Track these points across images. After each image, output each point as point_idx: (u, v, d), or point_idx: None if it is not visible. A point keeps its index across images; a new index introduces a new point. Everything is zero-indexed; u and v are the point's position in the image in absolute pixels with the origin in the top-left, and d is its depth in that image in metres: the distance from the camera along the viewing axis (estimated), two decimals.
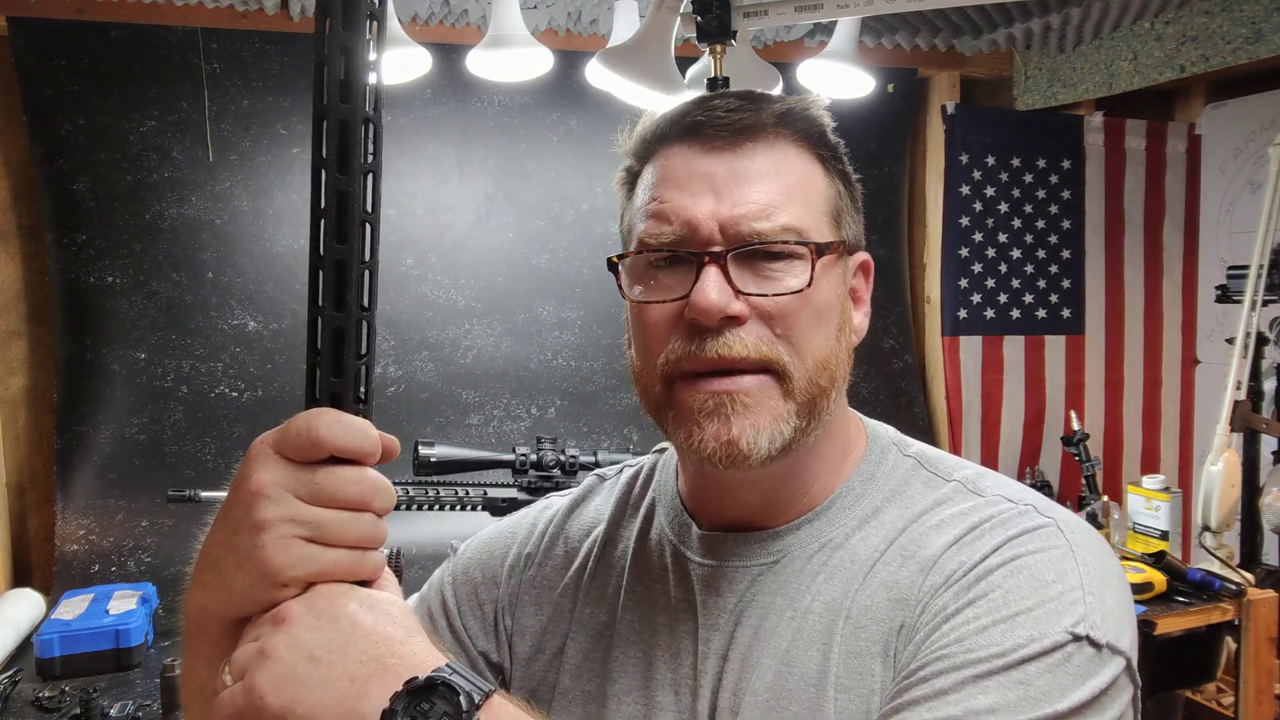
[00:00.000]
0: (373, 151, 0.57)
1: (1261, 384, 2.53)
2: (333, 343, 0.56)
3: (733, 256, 0.70)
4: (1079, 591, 0.65)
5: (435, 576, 0.93)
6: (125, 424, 2.42)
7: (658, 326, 0.72)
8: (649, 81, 1.84)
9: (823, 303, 0.72)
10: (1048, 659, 0.62)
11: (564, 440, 2.01)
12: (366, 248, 0.57)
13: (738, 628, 0.75)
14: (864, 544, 0.74)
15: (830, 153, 0.77)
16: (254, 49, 2.51)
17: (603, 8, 2.57)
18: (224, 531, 0.56)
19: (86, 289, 2.40)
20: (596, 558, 0.85)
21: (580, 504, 0.91)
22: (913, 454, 0.81)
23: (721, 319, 0.69)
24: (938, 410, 3.17)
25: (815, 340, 0.72)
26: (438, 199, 2.69)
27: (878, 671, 0.68)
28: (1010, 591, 0.65)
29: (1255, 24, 2.55)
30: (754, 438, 0.70)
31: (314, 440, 0.54)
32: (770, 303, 0.70)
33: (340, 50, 0.55)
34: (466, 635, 0.87)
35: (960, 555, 0.69)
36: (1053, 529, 0.69)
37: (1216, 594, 2.14)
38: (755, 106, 0.73)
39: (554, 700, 0.80)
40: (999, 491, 0.74)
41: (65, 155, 2.38)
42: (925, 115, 3.22)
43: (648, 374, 0.74)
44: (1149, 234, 3.33)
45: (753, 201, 0.71)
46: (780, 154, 0.73)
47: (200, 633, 0.60)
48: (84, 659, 1.92)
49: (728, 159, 0.72)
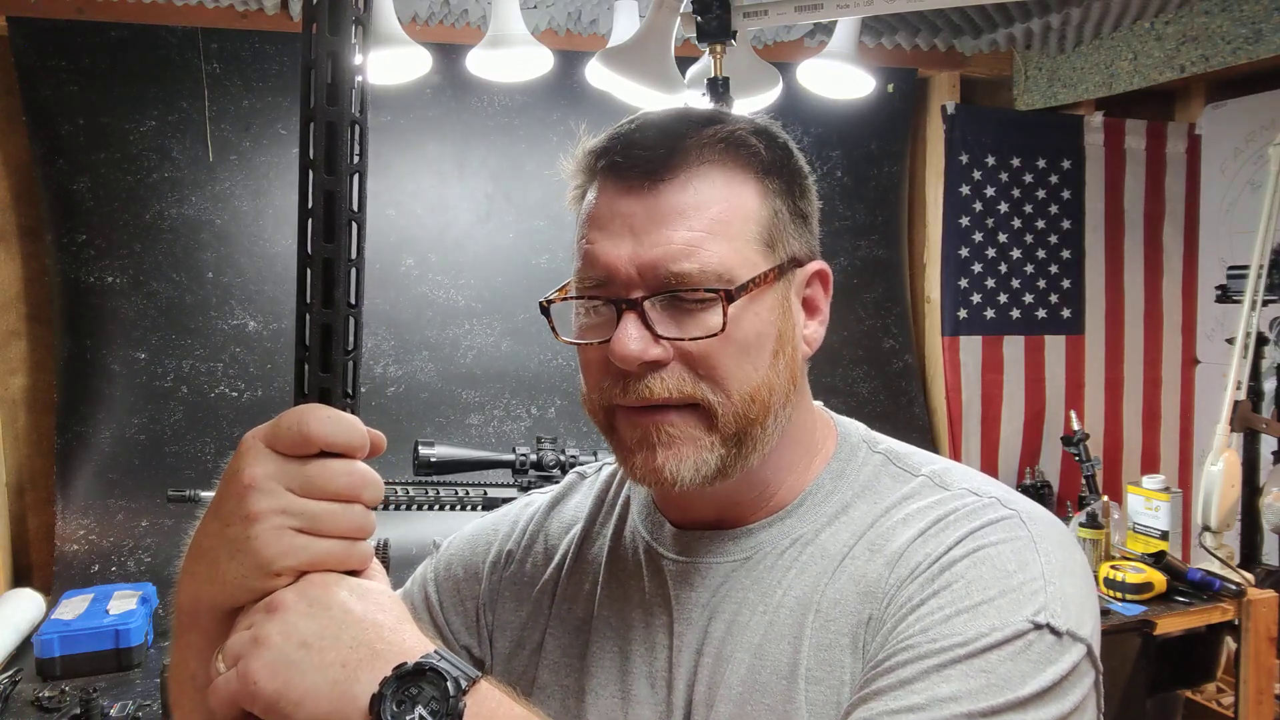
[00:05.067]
0: (359, 152, 0.58)
1: (1261, 384, 2.53)
2: (321, 339, 0.58)
3: (649, 302, 0.71)
4: (1040, 581, 0.67)
5: (419, 571, 0.94)
6: (125, 424, 2.42)
7: (592, 364, 0.75)
8: (649, 81, 1.84)
9: (746, 337, 0.72)
10: (1009, 647, 0.64)
11: (564, 440, 2.01)
12: (354, 246, 0.58)
13: (711, 622, 0.76)
14: (834, 539, 0.76)
15: (764, 167, 0.74)
16: (254, 49, 2.51)
17: (603, 8, 2.57)
18: (216, 524, 0.58)
19: (86, 289, 2.40)
20: (574, 555, 0.86)
21: (560, 501, 0.92)
22: (881, 450, 0.82)
23: (641, 365, 0.70)
24: (938, 410, 3.17)
25: (740, 375, 0.72)
26: (438, 199, 2.69)
27: (847, 663, 0.70)
28: (973, 582, 0.67)
29: (1255, 24, 2.55)
30: (676, 467, 0.72)
31: (305, 435, 0.56)
32: (689, 345, 0.71)
33: (327, 54, 0.56)
34: (449, 630, 0.89)
35: (925, 547, 0.70)
36: (1015, 520, 0.71)
37: (1216, 594, 2.14)
38: (675, 137, 0.72)
39: (533, 695, 0.82)
40: (964, 485, 0.76)
41: (65, 155, 2.38)
42: (925, 115, 3.21)
43: (591, 403, 0.76)
44: (1149, 234, 3.33)
45: (671, 243, 0.70)
46: (700, 186, 0.71)
47: (192, 624, 0.61)
48: (84, 659, 1.92)
49: (645, 199, 0.71)
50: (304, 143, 0.57)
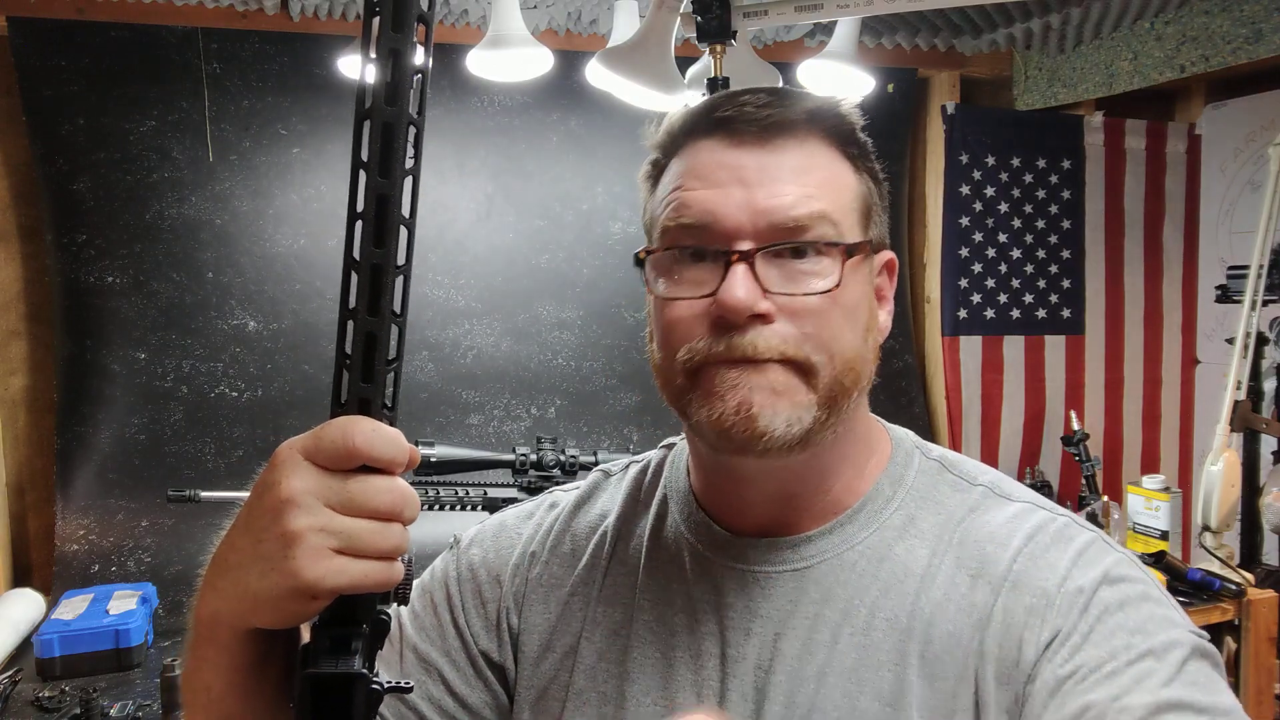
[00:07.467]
0: (414, 155, 0.56)
1: (1261, 384, 2.53)
2: (364, 347, 0.55)
3: (761, 255, 0.69)
4: (1164, 597, 0.69)
5: (438, 565, 0.90)
6: (125, 424, 2.42)
7: (682, 322, 0.71)
8: (649, 81, 1.84)
9: (851, 302, 0.72)
10: (1195, 661, 0.64)
11: (564, 440, 2.02)
12: (403, 252, 0.56)
13: (780, 639, 0.73)
14: (911, 555, 0.74)
15: (859, 151, 0.76)
16: (254, 49, 2.51)
17: (603, 8, 2.57)
18: (247, 539, 0.55)
19: (86, 289, 2.40)
20: (609, 555, 0.83)
21: (586, 501, 0.89)
22: (935, 457, 0.81)
23: (748, 317, 0.68)
24: (938, 410, 3.17)
25: (844, 340, 0.71)
26: (438, 199, 2.69)
27: (958, 693, 0.68)
28: (1124, 604, 0.67)
29: (1255, 24, 2.55)
30: (771, 418, 0.68)
31: (350, 449, 0.53)
32: (798, 302, 0.69)
33: (388, 51, 0.54)
34: (469, 632, 0.85)
35: (1038, 571, 0.70)
36: (1100, 542, 0.72)
37: (1216, 594, 2.14)
38: (785, 103, 0.73)
39: (568, 700, 0.79)
40: (1026, 497, 0.77)
41: (65, 155, 2.38)
42: (925, 115, 3.21)
43: (669, 367, 0.73)
44: (1149, 234, 3.32)
45: (784, 195, 0.70)
46: (810, 150, 0.72)
47: (210, 638, 0.59)
48: (84, 659, 1.92)
49: (757, 154, 0.71)
50: (357, 142, 0.55)
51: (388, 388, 0.56)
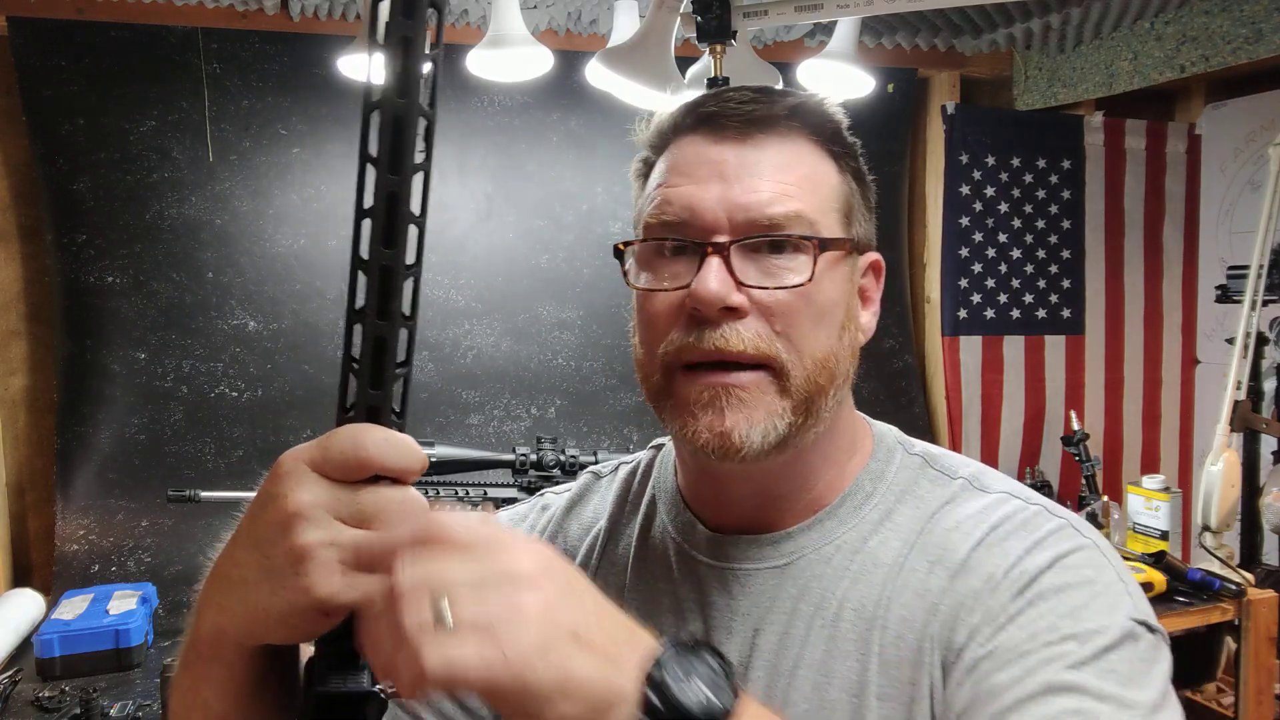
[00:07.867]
0: (425, 150, 0.53)
1: (1261, 384, 2.53)
2: (374, 352, 0.52)
3: (736, 248, 0.70)
4: (1119, 584, 0.68)
5: None
6: (125, 424, 2.42)
7: (660, 316, 0.72)
8: (649, 81, 1.84)
9: (825, 300, 0.72)
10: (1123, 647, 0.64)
11: (564, 440, 2.02)
12: (413, 252, 0.53)
13: (759, 635, 0.74)
14: (883, 546, 0.74)
15: (843, 150, 0.76)
16: (254, 49, 2.51)
17: (603, 8, 2.57)
18: (253, 554, 0.52)
19: (86, 289, 2.40)
20: (599, 557, 0.84)
21: (578, 503, 0.90)
22: (918, 452, 0.81)
23: (720, 310, 0.69)
24: (938, 410, 3.17)
25: (815, 338, 0.71)
26: (437, 199, 2.69)
27: (916, 680, 0.68)
28: (1063, 590, 0.67)
29: (1255, 24, 2.55)
30: (747, 431, 0.69)
31: (362, 459, 0.51)
32: (770, 297, 0.70)
33: (400, 40, 0.51)
34: None
35: (992, 558, 0.69)
36: (1069, 528, 0.71)
37: (1216, 594, 2.14)
38: (768, 100, 0.73)
39: None
40: (1003, 488, 0.76)
41: (65, 155, 2.38)
42: (925, 115, 3.21)
43: (649, 362, 0.74)
44: (1149, 234, 3.32)
45: (761, 190, 0.70)
46: (792, 147, 0.73)
47: (214, 655, 0.57)
48: (84, 659, 1.92)
49: (738, 149, 0.72)
50: (365, 136, 0.51)
51: (397, 394, 0.54)
